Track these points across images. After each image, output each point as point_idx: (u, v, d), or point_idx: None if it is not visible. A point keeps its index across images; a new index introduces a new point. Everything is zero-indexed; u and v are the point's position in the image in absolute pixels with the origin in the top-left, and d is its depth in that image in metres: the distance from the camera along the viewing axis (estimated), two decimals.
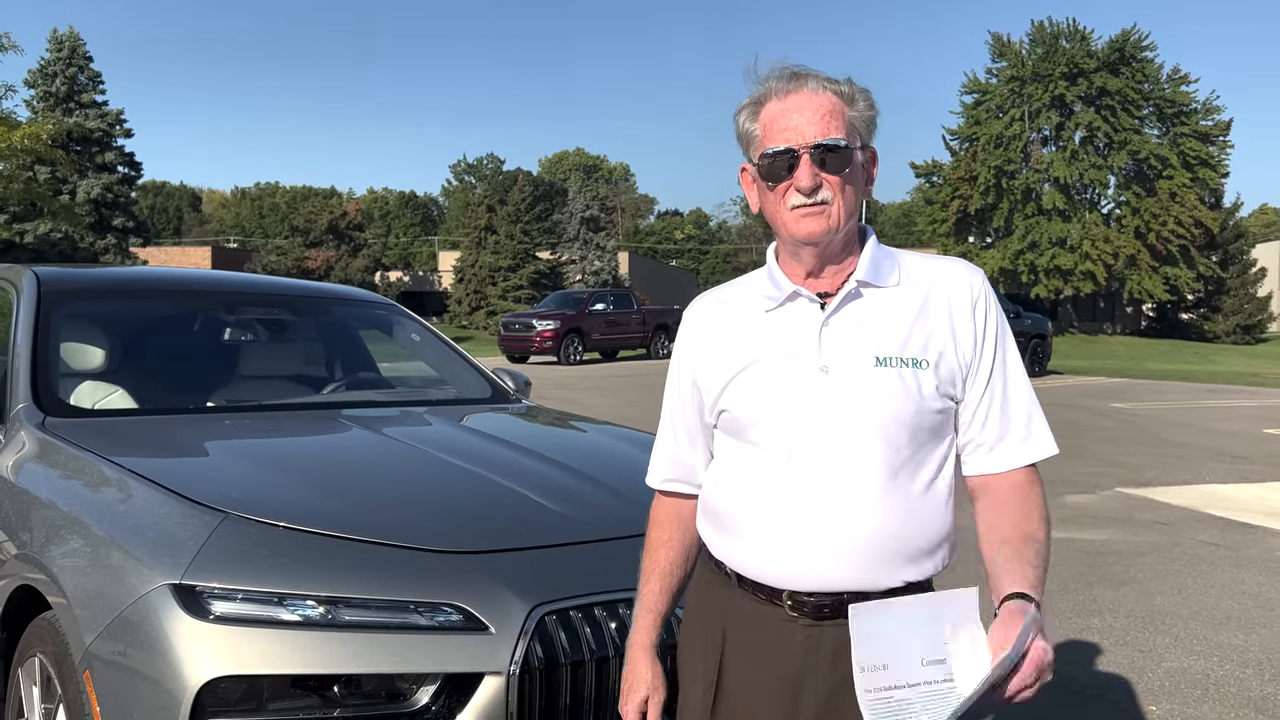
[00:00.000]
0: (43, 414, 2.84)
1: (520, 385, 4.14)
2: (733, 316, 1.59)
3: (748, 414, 1.51)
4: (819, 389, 1.47)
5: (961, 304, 1.51)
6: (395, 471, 2.71)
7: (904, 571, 1.47)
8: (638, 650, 1.67)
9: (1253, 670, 4.15)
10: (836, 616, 1.45)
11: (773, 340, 1.52)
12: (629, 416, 12.29)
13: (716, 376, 1.56)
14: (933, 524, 1.49)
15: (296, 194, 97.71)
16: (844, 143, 1.46)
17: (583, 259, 50.73)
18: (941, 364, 1.48)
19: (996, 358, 1.52)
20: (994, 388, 1.51)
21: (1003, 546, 1.46)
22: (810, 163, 1.45)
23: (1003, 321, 1.55)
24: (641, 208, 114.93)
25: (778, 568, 1.48)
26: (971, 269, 1.56)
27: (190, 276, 4.39)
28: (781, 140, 1.47)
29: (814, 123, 1.46)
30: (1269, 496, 8.12)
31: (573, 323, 25.24)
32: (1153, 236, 44.52)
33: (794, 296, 1.53)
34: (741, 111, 1.53)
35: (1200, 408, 15.84)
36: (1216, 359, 36.96)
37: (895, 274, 1.53)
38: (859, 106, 1.50)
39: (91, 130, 38.18)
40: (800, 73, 1.50)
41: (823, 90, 1.48)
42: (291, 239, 49.22)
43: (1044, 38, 46.98)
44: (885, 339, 1.48)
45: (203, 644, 1.86)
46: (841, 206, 1.47)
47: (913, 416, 1.46)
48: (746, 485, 1.52)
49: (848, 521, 1.45)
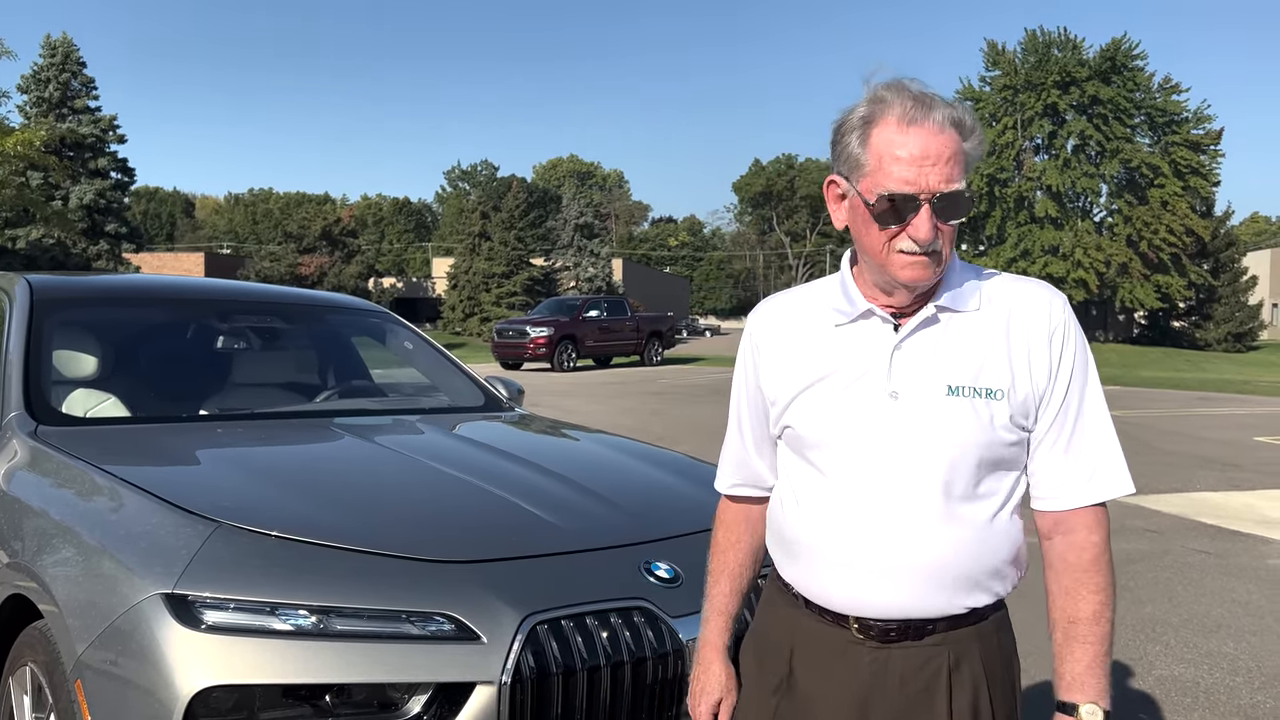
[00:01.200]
0: (35, 422, 2.84)
1: (513, 393, 4.14)
2: (800, 326, 1.54)
3: (812, 435, 1.49)
4: (887, 415, 1.43)
5: (1039, 332, 1.45)
6: (387, 480, 2.71)
7: (968, 598, 1.46)
8: (711, 651, 1.67)
9: (1242, 678, 4.17)
10: (904, 639, 1.46)
11: (842, 358, 1.47)
12: (622, 424, 12.29)
13: (782, 389, 1.53)
14: (998, 552, 1.47)
15: (290, 200, 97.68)
16: (967, 193, 1.39)
17: (576, 266, 50.77)
18: (1015, 394, 1.43)
19: (1071, 389, 1.46)
20: (1065, 420, 1.46)
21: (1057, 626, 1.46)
22: (930, 213, 1.36)
23: (1082, 351, 1.48)
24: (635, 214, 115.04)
25: (843, 594, 1.48)
26: (1053, 294, 1.49)
27: (182, 284, 4.39)
28: (901, 184, 1.35)
29: (939, 167, 1.35)
30: (1259, 504, 8.15)
31: (566, 329, 25.23)
32: (1144, 244, 44.73)
33: (867, 315, 1.47)
34: (850, 131, 1.41)
35: (1191, 415, 15.90)
36: (1208, 366, 37.10)
37: (976, 297, 1.47)
38: (974, 140, 1.41)
39: (84, 136, 38.14)
40: (927, 97, 1.38)
41: (947, 126, 1.37)
42: (285, 245, 49.20)
43: (1037, 47, 47.23)
44: (959, 367, 1.43)
45: (194, 653, 1.86)
46: (948, 253, 1.42)
47: (984, 449, 1.42)
48: (811, 511, 1.50)
49: (912, 550, 1.43)
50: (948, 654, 1.46)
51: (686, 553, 2.36)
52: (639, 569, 2.24)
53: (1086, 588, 1.45)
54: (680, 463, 3.24)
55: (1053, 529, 1.48)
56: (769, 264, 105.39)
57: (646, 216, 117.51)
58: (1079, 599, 1.45)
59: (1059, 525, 1.47)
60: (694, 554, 2.36)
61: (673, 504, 2.74)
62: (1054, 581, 1.47)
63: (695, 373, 25.35)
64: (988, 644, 1.49)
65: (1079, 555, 1.46)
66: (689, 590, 2.23)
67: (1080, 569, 1.45)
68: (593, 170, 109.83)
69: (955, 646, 1.46)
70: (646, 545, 2.35)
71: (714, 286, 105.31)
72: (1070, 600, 1.45)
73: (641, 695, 2.07)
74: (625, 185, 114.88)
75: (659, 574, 2.24)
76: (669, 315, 31.91)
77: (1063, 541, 1.47)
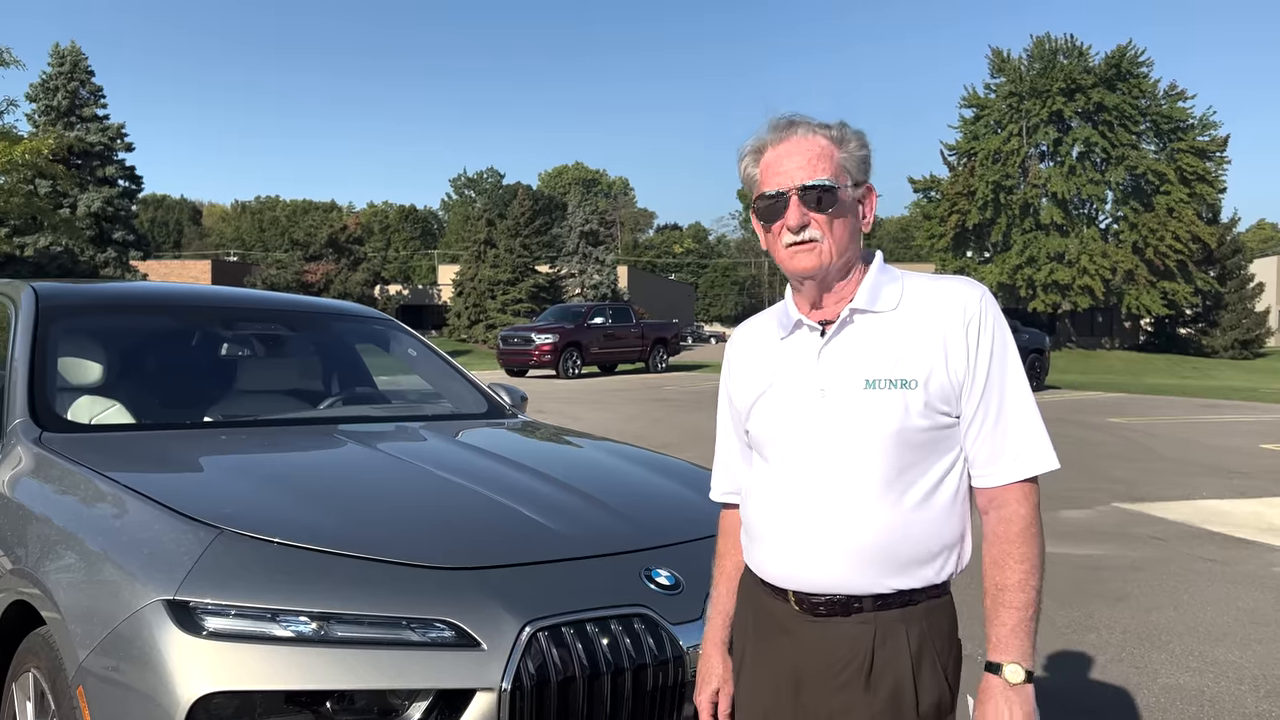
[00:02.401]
0: (39, 429, 2.85)
1: (516, 400, 4.15)
2: (758, 343, 1.75)
3: (762, 433, 1.68)
4: (817, 409, 1.60)
5: (954, 323, 1.58)
6: (389, 487, 2.72)
7: (895, 579, 1.57)
8: (710, 646, 1.85)
9: (1248, 686, 4.15)
10: (833, 614, 1.59)
11: (783, 366, 1.67)
12: (627, 431, 12.30)
13: (745, 398, 1.73)
14: (926, 536, 1.57)
15: (296, 208, 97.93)
16: (830, 183, 1.57)
17: (582, 273, 50.80)
18: (931, 383, 1.55)
19: (991, 375, 1.58)
20: (988, 404, 1.57)
21: (987, 594, 1.57)
22: (799, 203, 1.57)
23: (1001, 337, 1.59)
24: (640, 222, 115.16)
25: (781, 569, 1.63)
26: (971, 287, 1.62)
27: (187, 292, 4.41)
28: (774, 184, 1.59)
29: (802, 166, 1.58)
30: (1266, 512, 8.12)
31: (571, 336, 25.25)
32: (1150, 251, 44.62)
33: (799, 325, 1.66)
34: (744, 159, 1.67)
35: (1197, 423, 15.85)
36: (1214, 374, 36.98)
37: (895, 298, 1.62)
38: (849, 148, 1.61)
39: (92, 144, 38.29)
40: (793, 120, 1.62)
41: (812, 135, 1.60)
42: (291, 253, 49.33)
43: (1042, 53, 47.20)
44: (875, 362, 1.58)
45: (196, 660, 1.86)
46: (832, 243, 1.58)
47: (900, 434, 1.55)
48: (760, 496, 1.69)
49: (840, 530, 1.56)
50: (874, 632, 1.57)
51: (687, 560, 2.36)
52: (640, 576, 2.24)
53: (1012, 557, 1.56)
54: (681, 469, 3.24)
55: (987, 505, 1.61)
56: (774, 271, 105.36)
57: (652, 224, 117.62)
58: (1006, 568, 1.56)
59: (992, 501, 1.60)
60: (695, 561, 2.37)
61: (674, 511, 2.74)
62: (986, 553, 1.60)
63: (700, 380, 25.34)
64: (915, 629, 1.58)
65: (1007, 527, 1.57)
66: (689, 597, 2.23)
67: (1007, 540, 1.57)
68: (598, 178, 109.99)
69: (881, 627, 1.57)
70: (647, 552, 2.36)
71: (719, 294, 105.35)
72: (998, 569, 1.56)
73: (642, 702, 2.07)
74: (630, 192, 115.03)
75: (660, 581, 2.24)
76: (674, 322, 31.90)
77: (994, 515, 1.59)
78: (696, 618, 2.19)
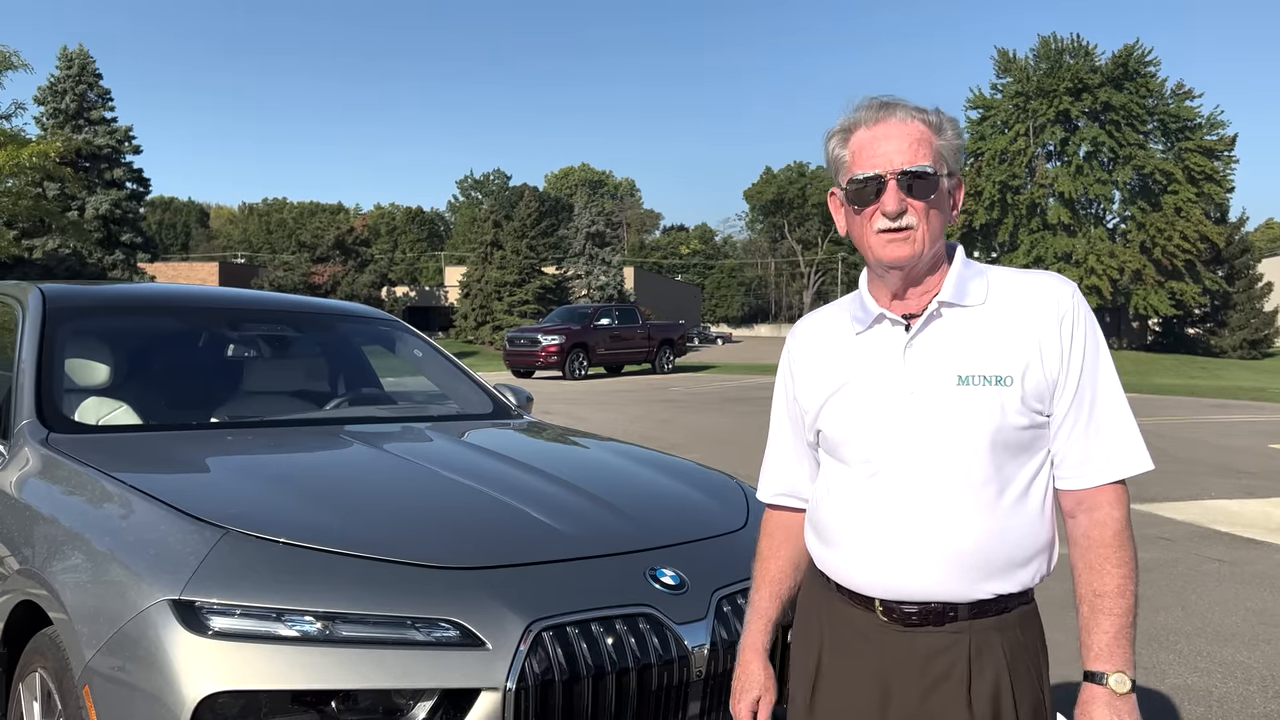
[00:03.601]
0: (47, 430, 2.86)
1: (522, 400, 4.15)
2: (828, 338, 1.67)
3: (839, 433, 1.59)
4: (904, 408, 1.52)
5: (1048, 319, 1.52)
6: (395, 487, 2.72)
7: (992, 584, 1.51)
8: (750, 653, 1.77)
9: (1256, 687, 4.13)
10: (925, 624, 1.51)
11: (861, 362, 1.58)
12: (633, 432, 12.30)
13: (813, 397, 1.65)
14: (1022, 538, 1.51)
15: (304, 210, 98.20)
16: (930, 170, 1.50)
17: (588, 274, 50.85)
18: (1027, 380, 1.49)
19: (1085, 372, 1.52)
20: (1081, 402, 1.52)
21: (1083, 601, 1.52)
22: (897, 188, 1.49)
23: (1093, 335, 1.55)
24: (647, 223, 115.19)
25: (868, 577, 1.55)
26: (1062, 282, 1.57)
27: (193, 293, 4.42)
28: (870, 166, 1.51)
29: (902, 150, 1.50)
30: (1274, 512, 8.09)
31: (578, 338, 25.27)
32: (1158, 251, 44.50)
33: (879, 319, 1.58)
34: (832, 138, 1.58)
35: (1206, 423, 15.79)
36: (1223, 374, 36.84)
37: (982, 292, 1.55)
38: (946, 135, 1.54)
39: (100, 147, 38.46)
40: (890, 102, 1.54)
41: (911, 119, 1.52)
42: (298, 254, 49.47)
43: (1049, 53, 47.12)
44: (968, 358, 1.51)
45: (201, 659, 1.87)
46: (926, 232, 1.51)
47: (996, 434, 1.48)
48: (840, 499, 1.60)
49: (932, 535, 1.50)
50: (969, 641, 1.50)
51: (692, 560, 2.36)
52: (644, 576, 2.24)
53: (1110, 561, 1.50)
54: (687, 470, 3.24)
55: (1075, 507, 1.54)
56: (780, 272, 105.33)
57: (658, 225, 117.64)
58: (1103, 573, 1.50)
59: (1081, 503, 1.53)
60: (699, 561, 2.37)
61: (678, 511, 2.74)
62: (1079, 558, 1.53)
63: (706, 381, 25.33)
64: (1009, 636, 1.52)
65: (1101, 531, 1.52)
66: (694, 597, 2.23)
67: (1103, 544, 1.51)
68: (604, 179, 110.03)
69: (977, 636, 1.50)
70: (652, 552, 2.35)
71: (725, 295, 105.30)
72: (1095, 575, 1.50)
73: (646, 702, 2.07)
74: (637, 194, 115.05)
75: (664, 581, 2.24)
76: (680, 323, 31.91)
77: (1086, 519, 1.53)
78: (701, 617, 2.19)
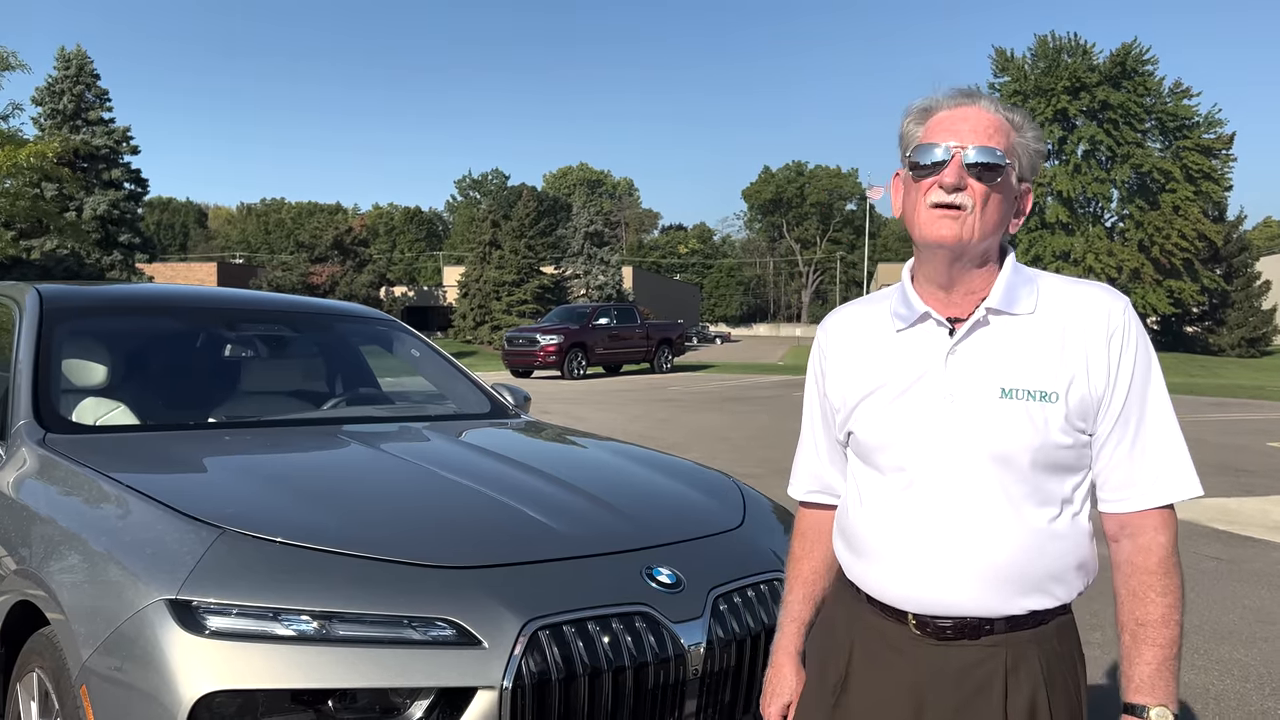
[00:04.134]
0: (44, 430, 2.86)
1: (519, 400, 4.16)
2: (864, 334, 1.59)
3: (873, 438, 1.53)
4: (943, 417, 1.46)
5: (1097, 334, 1.46)
6: (392, 487, 2.73)
7: (1027, 600, 1.46)
8: (783, 656, 1.71)
9: (1253, 685, 4.14)
10: (960, 638, 1.47)
11: (901, 363, 1.52)
12: (631, 431, 12.29)
13: (846, 396, 1.58)
14: (1061, 555, 1.47)
15: (302, 210, 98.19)
16: (1000, 156, 1.44)
17: (587, 274, 50.83)
18: (1071, 397, 1.44)
19: (1132, 392, 1.46)
20: (1127, 422, 1.47)
21: (1125, 629, 1.47)
22: (960, 163, 1.43)
23: (1144, 352, 1.48)
24: (645, 222, 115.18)
25: (901, 591, 1.50)
26: (1114, 296, 1.50)
27: (191, 293, 4.42)
28: (940, 138, 1.46)
29: (977, 131, 1.45)
30: (1273, 510, 8.10)
31: (576, 337, 25.27)
32: (1156, 250, 44.53)
33: (924, 318, 1.52)
34: (910, 115, 1.53)
35: (1204, 421, 15.80)
36: (1221, 372, 36.87)
37: (1031, 300, 1.49)
38: (1027, 136, 1.49)
39: (98, 147, 38.41)
40: (974, 92, 1.51)
41: (994, 110, 1.48)
42: (297, 255, 49.44)
43: (1046, 52, 47.14)
44: (1013, 370, 1.45)
45: (198, 659, 1.87)
46: (979, 218, 1.44)
47: (1038, 451, 1.43)
48: (873, 509, 1.54)
49: (967, 549, 1.45)
50: (1005, 655, 1.46)
51: (689, 559, 2.37)
52: (641, 574, 2.24)
53: (1154, 590, 1.45)
54: (685, 469, 3.24)
55: (1119, 531, 1.49)
56: (779, 271, 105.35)
57: (656, 224, 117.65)
58: (1147, 602, 1.45)
59: (1125, 528, 1.49)
60: (696, 560, 2.38)
61: (675, 510, 2.74)
62: (1122, 584, 1.48)
63: (705, 380, 25.33)
64: (1046, 648, 1.49)
65: (1146, 558, 1.46)
66: (690, 596, 2.23)
67: (1147, 571, 1.46)
68: (603, 178, 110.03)
69: (1013, 649, 1.47)
70: (648, 551, 2.36)
71: (724, 294, 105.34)
72: (1138, 603, 1.45)
73: (643, 700, 2.07)
74: (635, 193, 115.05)
75: (661, 579, 2.24)
76: (679, 323, 31.92)
77: (1130, 544, 1.48)
78: (697, 616, 2.19)
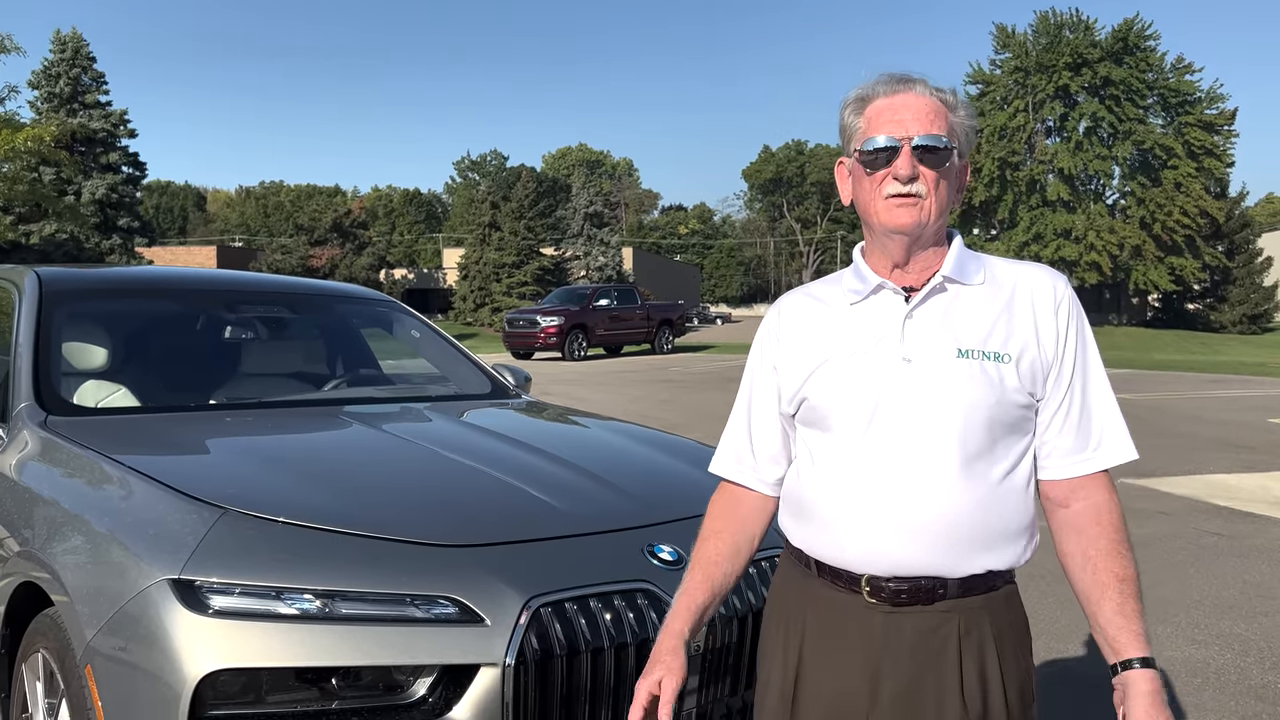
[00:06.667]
0: (45, 413, 2.87)
1: (520, 381, 4.16)
2: (819, 311, 1.63)
3: (827, 401, 1.55)
4: (900, 378, 1.50)
5: (1045, 305, 1.54)
6: (393, 467, 2.73)
7: (983, 558, 1.50)
8: (664, 633, 1.64)
9: (1253, 659, 4.16)
10: (914, 603, 1.49)
11: (856, 331, 1.56)
12: (632, 412, 12.31)
13: (799, 367, 1.60)
14: (1011, 513, 1.51)
15: (301, 192, 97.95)
16: (945, 141, 1.51)
17: (587, 255, 50.75)
18: (1023, 360, 1.51)
19: (1078, 361, 1.54)
20: (1074, 391, 1.53)
21: (1108, 588, 1.48)
22: (911, 154, 1.50)
23: (1084, 327, 1.57)
24: (645, 203, 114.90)
25: (854, 551, 1.51)
26: (1055, 274, 1.58)
27: (191, 275, 4.41)
28: (886, 131, 1.51)
29: (919, 119, 1.51)
30: (1273, 486, 8.12)
31: (577, 319, 25.26)
32: (1158, 227, 44.42)
33: (879, 289, 1.57)
34: (847, 106, 1.58)
35: (1205, 398, 15.82)
36: (1222, 349, 36.85)
37: (980, 274, 1.57)
38: (960, 114, 1.55)
39: (95, 131, 38.27)
40: (907, 77, 1.55)
41: (929, 94, 1.54)
42: (296, 237, 49.37)
43: (1048, 28, 46.87)
44: (968, 332, 1.51)
45: (201, 638, 1.88)
46: (934, 202, 1.51)
47: (993, 408, 1.48)
48: (825, 471, 1.56)
49: (923, 506, 1.47)
50: (958, 621, 1.49)
51: (690, 536, 2.34)
52: (642, 551, 2.25)
53: (1124, 545, 1.51)
54: (686, 447, 3.24)
55: (1069, 496, 1.54)
56: (780, 251, 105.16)
57: (656, 205, 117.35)
58: (1120, 557, 1.50)
59: (1077, 491, 1.53)
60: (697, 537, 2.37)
61: (676, 487, 2.75)
62: (1090, 544, 1.51)
63: (706, 360, 25.34)
64: (997, 616, 1.52)
65: (1111, 515, 1.52)
66: None
67: (1115, 528, 1.51)
68: (602, 159, 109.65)
69: (965, 615, 1.49)
70: (650, 528, 2.36)
71: (725, 274, 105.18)
72: (1115, 560, 1.49)
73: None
74: (635, 173, 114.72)
75: (662, 556, 2.25)
76: (679, 304, 31.89)
77: (1088, 505, 1.53)
78: None
